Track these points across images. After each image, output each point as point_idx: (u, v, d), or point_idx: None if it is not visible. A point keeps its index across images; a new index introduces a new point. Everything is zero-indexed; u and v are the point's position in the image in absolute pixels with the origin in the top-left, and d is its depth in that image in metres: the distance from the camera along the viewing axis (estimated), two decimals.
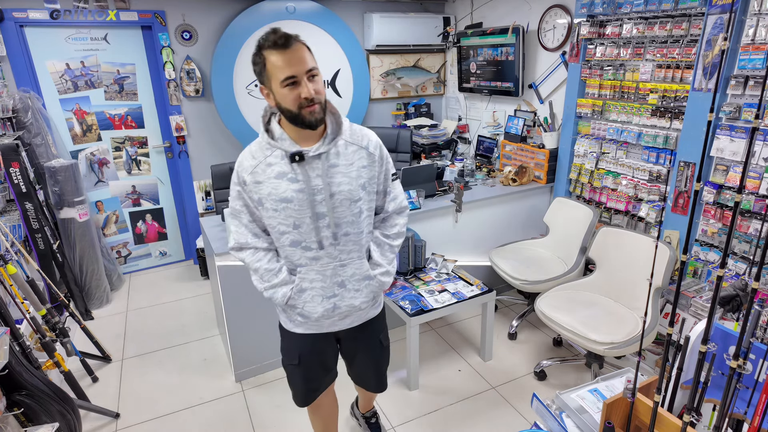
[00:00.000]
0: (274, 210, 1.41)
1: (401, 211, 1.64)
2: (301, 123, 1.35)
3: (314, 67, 1.32)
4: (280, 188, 1.39)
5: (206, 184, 4.04)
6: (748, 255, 2.24)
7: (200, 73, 3.74)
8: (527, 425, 2.32)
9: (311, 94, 1.29)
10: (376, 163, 1.50)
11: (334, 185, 1.41)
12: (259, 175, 1.40)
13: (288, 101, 1.31)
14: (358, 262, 1.52)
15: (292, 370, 1.71)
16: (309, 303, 1.51)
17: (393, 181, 1.61)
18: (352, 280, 1.53)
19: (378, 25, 4.10)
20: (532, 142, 3.48)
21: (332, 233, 1.44)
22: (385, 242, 1.60)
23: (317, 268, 1.49)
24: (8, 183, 2.91)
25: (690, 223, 1.64)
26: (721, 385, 1.03)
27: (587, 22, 2.85)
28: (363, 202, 1.48)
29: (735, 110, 2.17)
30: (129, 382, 2.69)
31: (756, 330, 1.13)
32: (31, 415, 1.80)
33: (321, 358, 1.69)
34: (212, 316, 3.32)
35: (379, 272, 1.57)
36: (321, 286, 1.50)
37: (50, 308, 2.53)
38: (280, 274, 1.50)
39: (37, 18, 3.24)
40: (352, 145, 1.46)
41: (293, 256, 1.49)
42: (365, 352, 1.74)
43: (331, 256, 1.48)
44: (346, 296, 1.53)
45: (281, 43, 1.28)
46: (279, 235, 1.47)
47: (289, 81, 1.29)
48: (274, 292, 1.51)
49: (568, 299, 2.55)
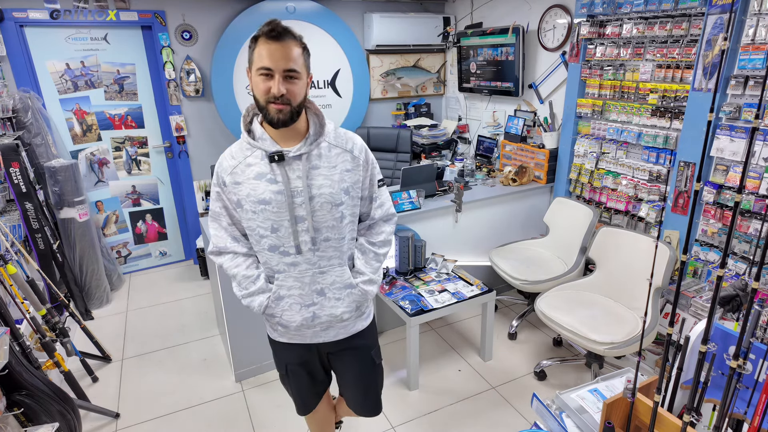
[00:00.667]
0: (253, 212, 1.38)
1: (388, 218, 1.58)
2: (265, 117, 1.32)
3: (294, 70, 1.28)
4: (259, 189, 1.35)
5: (206, 184, 4.04)
6: (748, 255, 2.24)
7: (200, 73, 3.74)
8: (527, 425, 2.32)
9: (278, 92, 1.26)
10: (361, 168, 1.45)
11: (314, 187, 1.36)
12: (239, 175, 1.37)
13: (258, 91, 1.30)
14: (338, 270, 1.46)
15: (283, 380, 1.69)
16: (287, 311, 1.45)
17: (379, 188, 1.55)
18: (333, 288, 1.46)
19: (378, 25, 4.10)
20: (532, 142, 3.48)
21: (311, 238, 1.39)
22: (370, 249, 1.54)
23: (295, 275, 1.43)
24: (8, 183, 2.91)
25: (690, 223, 1.64)
26: (721, 385, 1.03)
27: (587, 22, 2.85)
28: (345, 207, 1.42)
29: (735, 110, 2.17)
30: (129, 382, 2.70)
31: (756, 330, 1.13)
32: (31, 415, 1.80)
33: (307, 369, 1.62)
34: (212, 316, 3.32)
35: (362, 280, 1.50)
36: (299, 294, 1.44)
37: (50, 308, 2.53)
38: (257, 282, 1.45)
39: (37, 18, 3.24)
40: (335, 148, 1.41)
41: (271, 261, 1.44)
42: (355, 371, 1.64)
43: (310, 262, 1.42)
44: (326, 305, 1.46)
45: (272, 35, 1.27)
46: (258, 239, 1.42)
47: (263, 71, 1.27)
48: (251, 301, 1.46)
49: (568, 299, 2.55)
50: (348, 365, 1.62)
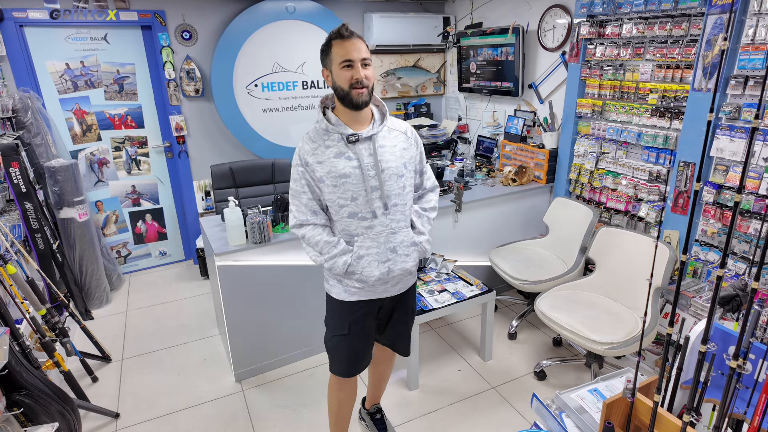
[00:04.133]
0: (334, 186, 1.63)
1: (434, 188, 1.91)
2: (349, 102, 1.58)
3: (368, 58, 1.57)
4: (339, 166, 1.61)
5: (206, 184, 4.04)
6: (747, 255, 2.24)
7: (200, 73, 3.74)
8: (527, 425, 2.32)
9: (361, 77, 1.54)
10: (413, 146, 1.76)
11: (383, 162, 1.64)
12: (320, 155, 1.62)
13: (342, 81, 1.56)
14: (405, 230, 1.74)
15: (339, 341, 1.84)
16: (367, 268, 1.69)
17: (426, 164, 1.87)
18: (402, 246, 1.73)
19: (378, 25, 4.10)
20: (532, 142, 3.48)
21: (383, 204, 1.66)
22: (424, 214, 1.84)
23: (372, 236, 1.68)
24: (8, 183, 2.91)
25: (690, 223, 1.64)
26: (720, 385, 1.03)
27: (587, 22, 2.85)
28: (406, 178, 1.71)
29: (735, 110, 2.17)
30: (129, 382, 2.69)
31: (756, 330, 1.13)
32: (31, 415, 1.80)
33: (366, 330, 1.85)
34: (212, 316, 3.32)
35: (424, 240, 1.80)
36: (376, 252, 1.69)
37: (50, 308, 2.53)
38: (339, 245, 1.69)
39: (37, 18, 3.24)
40: (394, 131, 1.71)
41: (351, 226, 1.68)
42: (401, 315, 1.92)
43: (384, 224, 1.68)
44: (398, 260, 1.73)
45: (345, 35, 1.54)
46: (338, 209, 1.66)
47: (345, 63, 1.54)
48: (335, 262, 1.68)
49: (568, 299, 2.55)
50: (402, 311, 1.92)
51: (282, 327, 2.70)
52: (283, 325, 2.70)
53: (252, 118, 3.85)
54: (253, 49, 3.72)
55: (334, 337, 1.85)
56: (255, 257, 2.51)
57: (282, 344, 2.73)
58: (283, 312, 2.67)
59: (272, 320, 2.65)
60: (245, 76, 3.74)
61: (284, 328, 2.71)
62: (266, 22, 3.69)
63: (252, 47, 3.72)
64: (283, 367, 2.77)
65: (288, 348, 2.76)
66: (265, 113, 3.90)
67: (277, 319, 2.67)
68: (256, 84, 3.80)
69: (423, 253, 1.82)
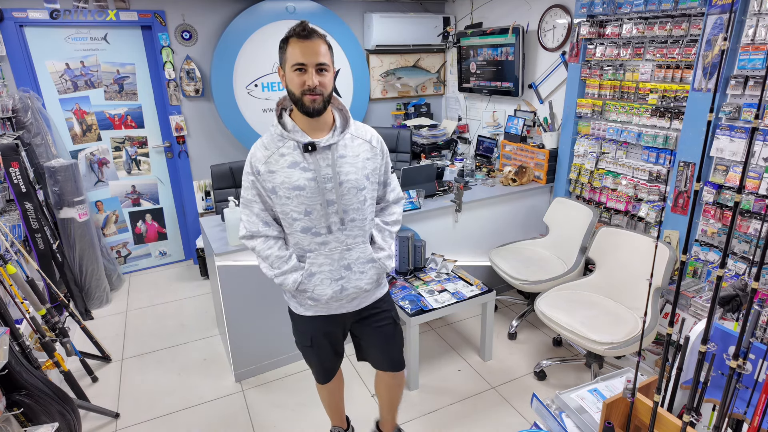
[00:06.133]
0: (287, 198, 1.51)
1: (398, 200, 1.79)
2: (301, 108, 1.47)
3: (325, 63, 1.44)
4: (293, 177, 1.49)
5: (206, 184, 4.04)
6: (747, 255, 2.24)
7: (200, 73, 3.74)
8: (527, 425, 2.32)
9: (314, 84, 1.42)
10: (378, 156, 1.63)
11: (342, 174, 1.52)
12: (273, 164, 1.50)
13: (294, 85, 1.44)
14: (362, 246, 1.63)
15: (306, 351, 1.83)
16: (319, 286, 1.60)
17: (391, 174, 1.76)
18: (358, 263, 1.62)
19: (378, 25, 4.10)
20: (532, 142, 3.48)
21: (340, 219, 1.55)
22: (385, 228, 1.73)
23: (326, 253, 1.58)
24: (8, 183, 2.91)
25: (690, 223, 1.64)
26: (720, 385, 1.03)
27: (587, 22, 2.85)
28: (367, 191, 1.60)
29: (735, 110, 2.17)
30: (129, 382, 2.69)
31: (756, 330, 1.13)
32: (30, 415, 1.80)
33: (330, 339, 1.78)
34: (212, 316, 3.32)
35: (383, 255, 1.68)
36: (329, 270, 1.59)
37: (50, 308, 2.53)
38: (290, 261, 1.60)
39: (37, 18, 3.24)
40: (357, 139, 1.58)
41: (303, 242, 1.58)
42: (377, 331, 1.80)
43: (339, 240, 1.58)
44: (353, 278, 1.62)
45: (303, 35, 1.42)
46: (291, 222, 1.56)
47: (298, 66, 1.42)
48: (285, 278, 1.60)
49: (568, 299, 2.55)
50: (371, 327, 1.79)
51: (282, 327, 2.69)
52: (283, 325, 2.67)
53: (252, 118, 3.85)
54: (253, 49, 3.72)
55: (301, 347, 1.84)
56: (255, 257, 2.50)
57: (282, 344, 2.73)
58: (283, 312, 2.65)
59: (272, 320, 2.64)
60: (245, 76, 3.74)
61: (284, 328, 2.69)
62: (266, 22, 3.69)
63: (252, 47, 3.72)
64: (283, 367, 2.77)
65: (288, 348, 2.76)
66: (265, 113, 3.89)
67: (277, 319, 2.67)
68: (256, 84, 3.81)
69: (382, 270, 1.69)
